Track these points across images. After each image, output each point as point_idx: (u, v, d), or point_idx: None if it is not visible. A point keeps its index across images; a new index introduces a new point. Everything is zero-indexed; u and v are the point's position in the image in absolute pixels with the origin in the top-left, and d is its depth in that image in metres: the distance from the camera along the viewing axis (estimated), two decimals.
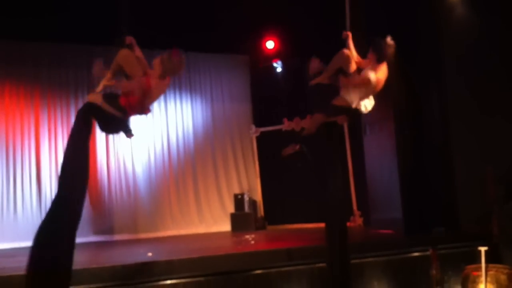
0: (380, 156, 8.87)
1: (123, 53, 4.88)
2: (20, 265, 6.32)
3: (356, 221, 9.71)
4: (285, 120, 10.97)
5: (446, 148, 8.35)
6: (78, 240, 9.76)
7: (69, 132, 4.98)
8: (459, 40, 8.10)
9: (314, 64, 5.52)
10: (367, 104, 5.50)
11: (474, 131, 8.00)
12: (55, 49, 10.14)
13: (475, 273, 6.05)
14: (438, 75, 8.36)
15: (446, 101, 8.30)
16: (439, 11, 8.18)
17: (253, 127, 11.39)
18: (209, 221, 10.90)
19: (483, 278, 5.89)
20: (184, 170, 11.03)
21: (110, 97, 4.83)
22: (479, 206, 7.62)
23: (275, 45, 11.08)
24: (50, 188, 9.98)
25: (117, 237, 10.02)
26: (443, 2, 8.26)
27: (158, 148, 10.86)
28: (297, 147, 5.53)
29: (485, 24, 8.01)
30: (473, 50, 8.02)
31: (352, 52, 5.45)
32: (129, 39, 5.03)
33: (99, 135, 10.43)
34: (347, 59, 5.27)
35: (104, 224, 10.16)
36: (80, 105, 10.15)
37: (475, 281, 6.03)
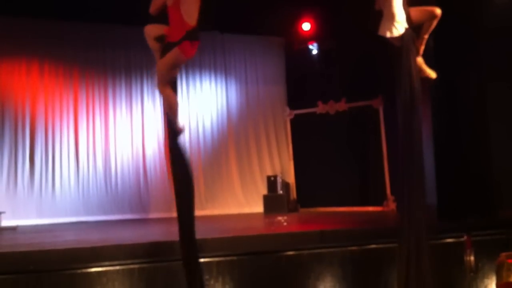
0: None
1: None
2: (56, 240, 6.54)
3: (390, 205, 9.66)
4: (319, 103, 10.97)
5: (483, 132, 8.22)
6: (115, 216, 10.04)
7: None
8: (496, 25, 7.91)
9: None
10: None
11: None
12: (93, 29, 10.27)
13: (510, 261, 5.96)
14: (475, 58, 8.22)
15: (482, 84, 8.15)
16: None
17: (288, 110, 11.38)
18: (242, 202, 10.97)
19: None
20: (218, 151, 11.10)
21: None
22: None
23: (311, 27, 10.95)
24: (88, 166, 10.22)
25: (152, 215, 10.18)
26: None
27: (193, 129, 10.94)
28: None
29: None
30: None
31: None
32: None
33: (135, 114, 10.59)
34: None
35: (140, 202, 10.35)
36: (117, 85, 10.51)
37: (510, 269, 5.94)
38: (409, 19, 5.07)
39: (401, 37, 5.06)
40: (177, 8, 4.59)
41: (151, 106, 10.73)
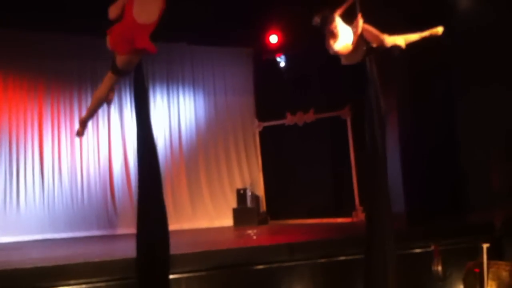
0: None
1: None
2: (22, 258, 6.38)
3: (359, 216, 9.70)
4: (288, 114, 11.00)
5: (450, 138, 8.34)
6: (82, 233, 9.83)
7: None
8: (464, 29, 8.04)
9: None
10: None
11: (479, 119, 7.95)
12: (59, 41, 10.07)
13: (477, 270, 6.05)
14: (442, 66, 8.35)
15: (450, 89, 8.29)
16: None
17: (256, 121, 11.38)
18: (211, 215, 10.87)
19: (484, 275, 5.89)
20: (187, 164, 11.01)
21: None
22: (483, 197, 7.61)
23: (278, 39, 11.01)
24: (53, 181, 9.99)
25: (120, 231, 10.00)
26: None
27: (160, 141, 10.80)
28: None
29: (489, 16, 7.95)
30: (479, 39, 7.94)
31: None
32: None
33: (101, 129, 10.44)
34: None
35: (107, 218, 10.17)
36: (84, 98, 10.35)
37: (477, 277, 6.03)
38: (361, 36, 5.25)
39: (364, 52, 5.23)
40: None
41: (118, 119, 10.59)
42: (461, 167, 8.30)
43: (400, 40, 5.51)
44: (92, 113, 5.20)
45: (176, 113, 11.16)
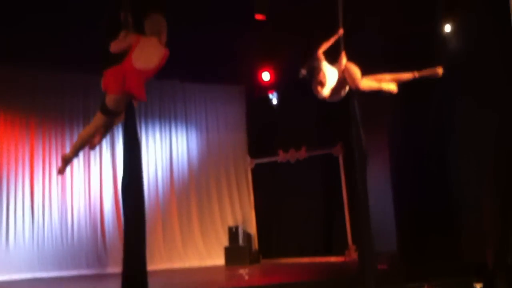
0: (376, 188, 8.83)
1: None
2: None
3: (351, 255, 9.60)
4: (280, 151, 11.00)
5: (443, 176, 8.33)
6: (71, 272, 9.66)
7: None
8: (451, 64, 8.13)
9: None
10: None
11: (470, 158, 7.97)
12: (51, 78, 10.11)
13: None
14: (433, 107, 8.39)
15: (441, 131, 8.31)
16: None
17: (249, 158, 11.37)
18: (203, 254, 10.75)
19: None
20: (178, 201, 10.92)
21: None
22: (476, 237, 7.57)
23: (271, 77, 11.08)
24: (43, 218, 9.87)
25: (110, 270, 9.85)
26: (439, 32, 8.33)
27: (152, 178, 10.78)
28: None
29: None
30: (469, 74, 8.01)
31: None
32: (123, 15, 4.98)
33: (93, 166, 10.38)
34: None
35: (97, 256, 10.03)
36: (75, 135, 10.30)
37: None
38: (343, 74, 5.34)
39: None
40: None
41: (109, 157, 10.55)
42: (454, 203, 8.28)
43: (393, 86, 5.54)
44: (75, 151, 5.15)
45: (168, 149, 11.14)
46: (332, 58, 5.64)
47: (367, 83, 5.51)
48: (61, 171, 5.20)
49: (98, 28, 7.71)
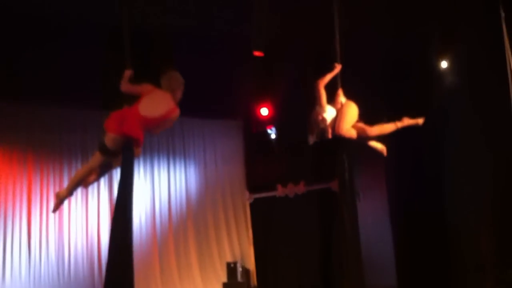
0: (374, 222, 8.81)
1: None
2: None
3: None
4: (278, 186, 10.98)
5: (441, 213, 8.32)
6: None
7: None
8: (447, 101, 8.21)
9: None
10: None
11: (467, 193, 7.98)
12: (49, 113, 10.11)
13: None
14: (430, 141, 8.43)
15: (438, 166, 8.34)
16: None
17: (247, 193, 11.33)
18: None
19: None
20: (175, 236, 10.82)
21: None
22: (475, 271, 7.53)
23: (269, 112, 11.14)
24: (40, 255, 9.76)
25: None
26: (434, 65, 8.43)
27: (149, 213, 10.72)
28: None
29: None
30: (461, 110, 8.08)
31: None
32: (128, 72, 5.04)
33: (91, 202, 10.33)
34: None
35: None
36: (73, 171, 10.28)
37: None
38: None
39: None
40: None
41: (107, 193, 10.50)
42: (452, 237, 8.26)
43: (380, 145, 5.58)
44: (69, 190, 5.14)
45: (166, 184, 11.10)
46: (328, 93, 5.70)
47: (350, 132, 5.54)
48: (55, 209, 5.18)
49: (97, 66, 7.85)
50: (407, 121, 5.57)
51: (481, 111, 7.84)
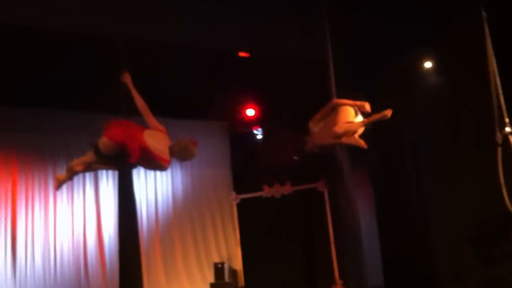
0: (361, 222, 8.84)
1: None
2: None
3: None
4: (265, 186, 10.98)
5: (423, 211, 8.39)
6: None
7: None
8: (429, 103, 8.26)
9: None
10: None
11: (449, 193, 8.05)
12: (30, 114, 9.96)
13: None
14: (411, 139, 8.49)
15: (418, 165, 8.41)
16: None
17: (233, 194, 11.33)
18: None
19: None
20: (162, 238, 10.80)
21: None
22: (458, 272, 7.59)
23: (255, 113, 11.13)
24: (25, 257, 9.68)
25: None
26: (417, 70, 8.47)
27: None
28: None
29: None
30: (446, 115, 8.15)
31: None
32: (126, 76, 5.05)
33: (76, 203, 10.28)
34: None
35: None
36: (58, 171, 10.19)
37: None
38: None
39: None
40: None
41: (93, 194, 10.44)
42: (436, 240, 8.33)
43: (355, 140, 5.55)
44: (68, 174, 5.19)
45: (152, 185, 11.06)
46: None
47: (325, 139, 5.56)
48: (56, 189, 5.31)
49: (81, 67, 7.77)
50: (374, 116, 5.47)
51: (462, 111, 7.90)
